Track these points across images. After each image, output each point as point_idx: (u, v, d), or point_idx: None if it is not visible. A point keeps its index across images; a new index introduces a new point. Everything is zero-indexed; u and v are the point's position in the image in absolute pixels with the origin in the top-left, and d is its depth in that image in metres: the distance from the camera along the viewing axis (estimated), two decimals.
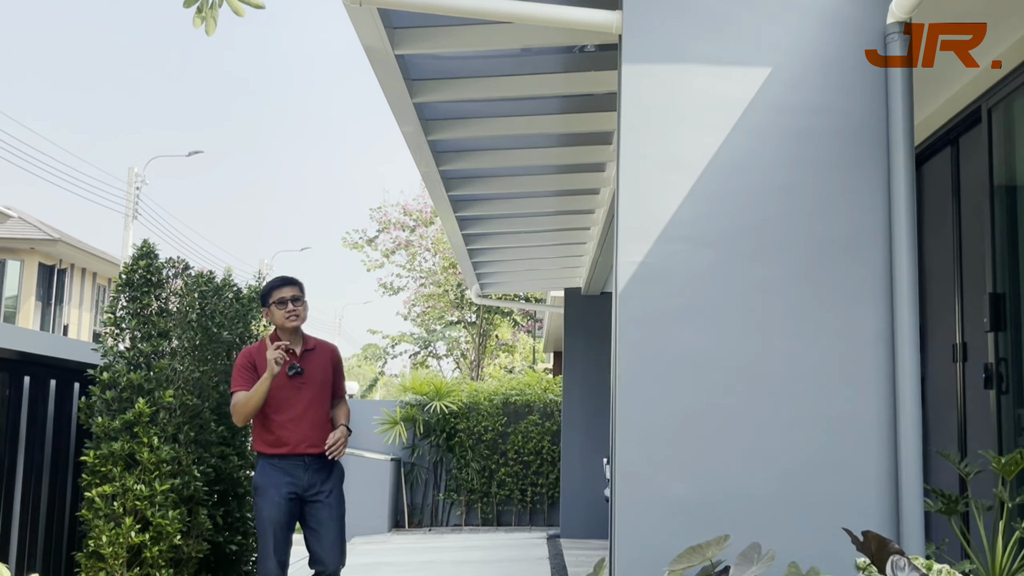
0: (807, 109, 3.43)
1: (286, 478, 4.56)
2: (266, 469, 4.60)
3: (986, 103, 4.54)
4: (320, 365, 4.77)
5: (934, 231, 5.23)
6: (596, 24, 3.62)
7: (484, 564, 8.80)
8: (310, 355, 4.76)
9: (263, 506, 4.54)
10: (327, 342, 4.96)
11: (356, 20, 4.11)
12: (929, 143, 5.17)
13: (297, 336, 4.76)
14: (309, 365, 4.71)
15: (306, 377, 4.67)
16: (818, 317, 3.33)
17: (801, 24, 3.48)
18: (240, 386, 4.59)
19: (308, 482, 4.60)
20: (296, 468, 4.59)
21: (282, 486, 4.54)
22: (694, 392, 3.31)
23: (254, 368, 4.62)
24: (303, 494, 4.60)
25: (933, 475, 4.98)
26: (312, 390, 4.68)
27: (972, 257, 4.75)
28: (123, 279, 4.97)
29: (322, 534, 4.59)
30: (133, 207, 26.72)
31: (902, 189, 3.33)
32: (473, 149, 6.23)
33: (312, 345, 4.82)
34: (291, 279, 4.79)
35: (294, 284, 4.76)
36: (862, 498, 3.23)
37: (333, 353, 4.92)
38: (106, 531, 4.54)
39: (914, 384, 3.25)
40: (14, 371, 4.61)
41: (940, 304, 5.12)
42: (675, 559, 3.02)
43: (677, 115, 3.45)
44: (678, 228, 3.39)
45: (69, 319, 28.79)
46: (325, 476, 4.66)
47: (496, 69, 5.14)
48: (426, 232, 21.76)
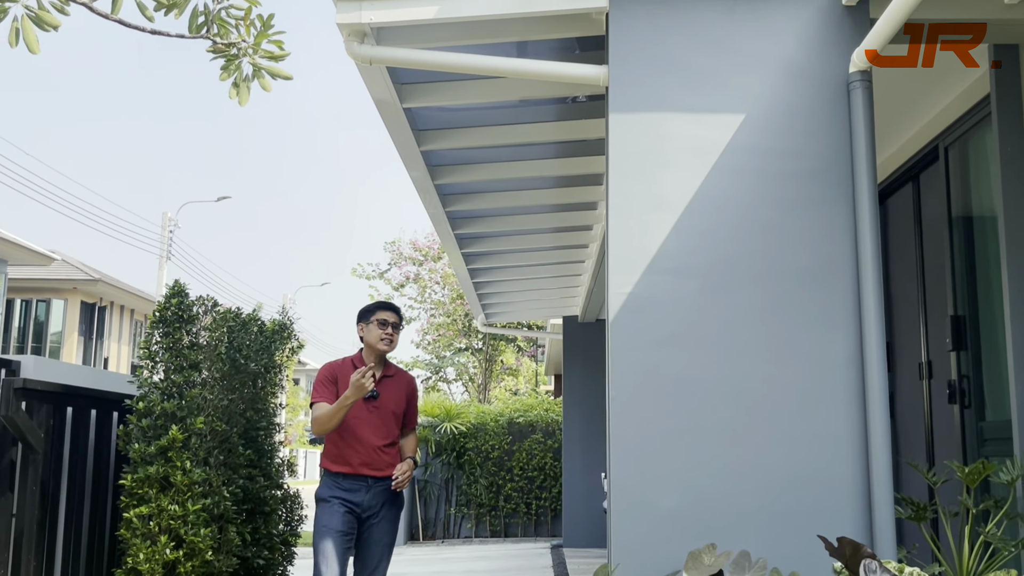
0: (778, 152, 3.46)
1: (347, 495, 4.31)
2: (329, 484, 4.37)
3: (943, 142, 4.57)
4: (395, 393, 4.50)
5: (899, 260, 5.25)
6: (585, 78, 3.67)
7: (492, 573, 8.74)
8: (388, 381, 4.49)
9: (321, 515, 4.30)
10: (407, 372, 4.70)
11: (367, 77, 4.16)
12: (892, 179, 5.20)
13: (381, 361, 4.49)
14: (385, 391, 4.45)
15: (379, 402, 4.41)
16: (793, 342, 3.35)
17: (771, 75, 3.52)
18: (321, 398, 4.34)
19: (367, 503, 4.33)
20: (358, 488, 4.32)
21: (343, 503, 4.29)
22: (681, 412, 3.32)
23: (335, 382, 4.38)
24: (361, 514, 4.33)
25: (904, 484, 4.97)
26: (383, 416, 4.41)
27: (934, 283, 4.76)
28: (157, 316, 4.98)
29: (367, 556, 4.37)
30: (167, 248, 26.79)
31: (867, 223, 3.35)
32: (476, 191, 6.27)
33: (392, 372, 4.56)
34: (396, 307, 4.56)
35: (397, 312, 4.52)
36: (837, 507, 3.23)
37: (410, 384, 4.64)
38: (143, 549, 4.53)
39: (883, 401, 3.25)
40: (57, 403, 4.62)
41: (906, 326, 5.13)
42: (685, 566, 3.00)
43: (660, 158, 3.48)
44: (663, 261, 3.41)
45: (109, 352, 28.79)
46: (384, 501, 4.38)
47: (496, 119, 5.19)
48: (435, 266, 21.79)
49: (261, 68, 2.43)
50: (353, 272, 22.60)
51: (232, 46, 2.39)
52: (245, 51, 2.41)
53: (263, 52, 2.43)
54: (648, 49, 3.54)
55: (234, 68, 2.40)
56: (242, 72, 2.40)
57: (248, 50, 2.42)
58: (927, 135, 4.71)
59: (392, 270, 22.41)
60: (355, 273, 22.59)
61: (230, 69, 2.39)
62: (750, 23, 3.55)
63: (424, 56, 3.82)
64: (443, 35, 3.91)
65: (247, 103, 2.41)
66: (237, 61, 2.40)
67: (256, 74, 2.42)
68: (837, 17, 3.53)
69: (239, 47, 2.41)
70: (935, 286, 4.74)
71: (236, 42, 2.40)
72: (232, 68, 2.40)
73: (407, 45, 3.90)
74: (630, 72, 3.53)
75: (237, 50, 2.40)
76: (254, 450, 5.66)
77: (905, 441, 5.12)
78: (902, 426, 5.17)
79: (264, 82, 2.42)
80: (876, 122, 4.65)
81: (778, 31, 3.54)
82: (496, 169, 5.78)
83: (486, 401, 21.45)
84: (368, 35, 3.78)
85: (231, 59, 2.39)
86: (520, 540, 11.97)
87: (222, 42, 2.39)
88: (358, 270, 22.63)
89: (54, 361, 4.92)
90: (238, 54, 2.40)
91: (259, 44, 2.42)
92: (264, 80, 2.42)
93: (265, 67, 2.43)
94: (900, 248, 5.24)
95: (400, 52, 3.82)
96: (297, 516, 6.26)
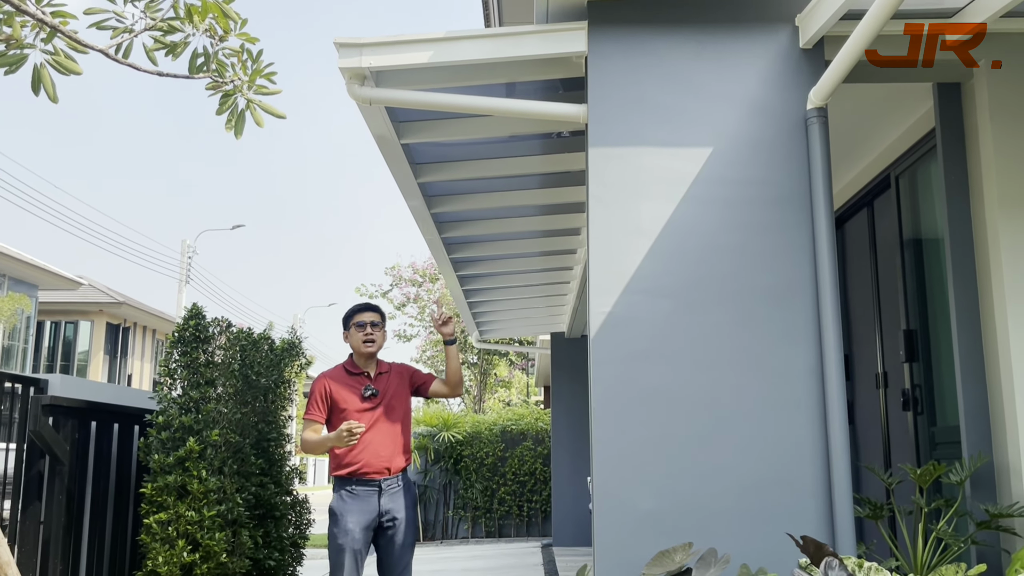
0: (743, 181, 3.48)
1: (361, 506, 3.99)
2: (342, 496, 4.03)
3: (894, 172, 4.61)
4: (394, 385, 4.20)
5: (856, 279, 5.27)
6: (566, 115, 3.69)
7: (487, 571, 8.68)
8: (384, 377, 4.22)
9: (337, 534, 3.98)
10: (400, 363, 4.36)
11: (368, 116, 4.17)
12: (849, 205, 5.24)
13: (371, 361, 4.22)
14: (383, 387, 4.17)
15: (381, 399, 4.14)
16: (759, 355, 3.35)
17: (736, 112, 3.54)
18: (312, 416, 4.11)
19: (382, 509, 4.02)
20: (370, 495, 4.01)
21: (357, 516, 3.97)
22: (657, 421, 3.32)
23: (327, 398, 4.13)
24: (380, 520, 4.04)
25: (863, 485, 4.97)
26: (387, 412, 4.14)
27: (888, 300, 4.78)
28: (176, 336, 4.97)
29: (394, 559, 4.08)
30: (186, 273, 26.71)
31: (824, 246, 3.37)
32: (470, 219, 6.28)
33: (386, 369, 4.26)
34: (372, 305, 4.31)
35: (374, 311, 4.27)
36: (801, 507, 3.22)
37: (403, 369, 4.32)
38: (162, 552, 4.49)
39: (841, 409, 3.25)
40: (82, 418, 4.60)
41: (864, 340, 5.14)
42: (649, 563, 3.01)
43: (635, 189, 3.50)
44: (640, 282, 3.42)
45: (133, 370, 28.62)
46: (399, 502, 4.07)
47: (487, 153, 5.20)
48: (432, 287, 21.77)
49: (253, 103, 2.44)
50: (357, 291, 22.57)
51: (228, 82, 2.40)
52: (239, 88, 2.42)
53: (258, 88, 2.44)
54: (623, 89, 3.56)
55: (229, 104, 2.41)
56: (237, 107, 2.41)
57: (243, 87, 2.43)
58: (879, 165, 4.75)
59: (393, 291, 22.39)
60: (359, 292, 22.55)
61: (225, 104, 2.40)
62: (716, 64, 3.58)
63: (419, 97, 3.84)
64: (437, 77, 3.93)
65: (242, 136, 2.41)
66: (233, 97, 2.41)
67: (249, 108, 2.43)
68: (795, 59, 3.57)
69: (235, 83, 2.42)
70: (889, 303, 4.77)
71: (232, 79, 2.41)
72: (228, 104, 2.41)
73: (404, 87, 3.92)
74: (607, 110, 3.55)
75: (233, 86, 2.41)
76: (265, 459, 5.64)
77: (864, 445, 5.12)
78: (861, 432, 5.17)
79: (257, 116, 2.42)
80: (834, 153, 4.70)
81: (742, 72, 3.57)
82: (488, 199, 5.80)
83: (481, 411, 21.37)
84: (368, 78, 3.80)
85: (227, 95, 2.40)
86: (513, 540, 11.90)
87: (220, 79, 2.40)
88: (362, 290, 22.60)
89: (79, 379, 4.90)
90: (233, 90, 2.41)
91: (253, 80, 2.43)
92: (257, 115, 2.43)
93: (257, 103, 2.44)
94: (857, 268, 5.26)
95: (397, 93, 3.83)
96: (305, 520, 6.22)
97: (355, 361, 4.23)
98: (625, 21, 3.60)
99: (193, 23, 2.38)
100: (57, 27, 2.20)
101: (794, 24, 3.58)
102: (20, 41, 2.25)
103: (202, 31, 2.41)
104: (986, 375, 3.57)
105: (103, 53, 2.21)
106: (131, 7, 2.35)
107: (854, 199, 5.14)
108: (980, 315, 3.61)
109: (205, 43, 2.41)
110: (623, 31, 3.60)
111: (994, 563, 3.40)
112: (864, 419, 5.13)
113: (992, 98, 3.60)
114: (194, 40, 2.42)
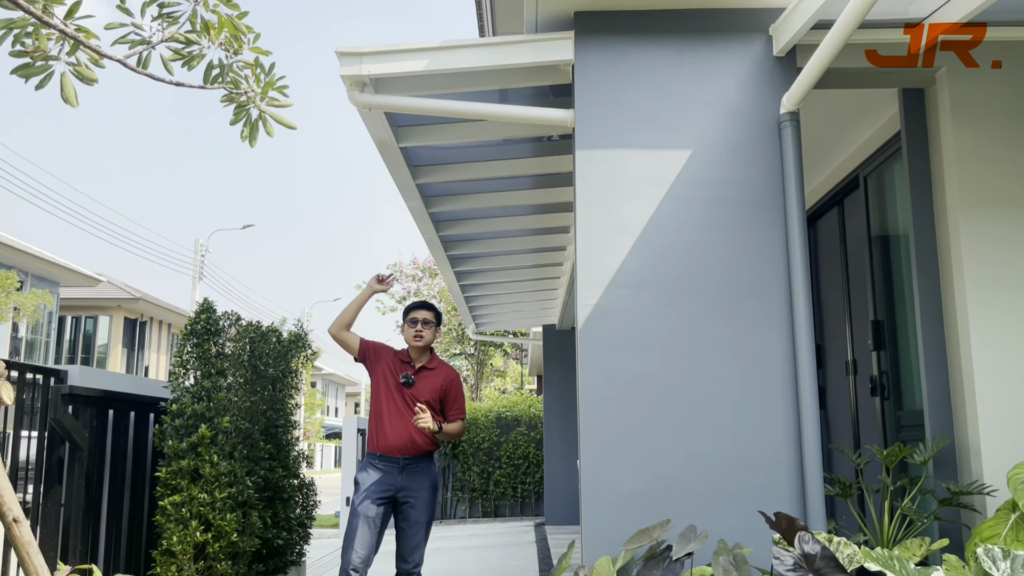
0: (720, 182, 3.49)
1: (382, 478, 4.02)
2: (367, 466, 4.09)
3: (863, 172, 4.62)
4: (431, 385, 4.15)
5: (828, 273, 5.28)
6: (555, 120, 3.69)
7: (484, 548, 8.70)
8: (427, 373, 4.18)
9: (356, 499, 4.01)
10: (449, 367, 4.29)
11: (368, 121, 4.17)
12: (821, 204, 5.25)
13: (423, 354, 4.21)
14: (420, 382, 4.14)
15: (414, 391, 4.11)
16: (736, 345, 3.36)
17: (714, 116, 3.55)
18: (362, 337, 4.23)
19: (401, 484, 4.02)
20: (392, 469, 4.03)
21: (377, 486, 4.00)
22: (641, 407, 3.33)
23: (380, 358, 4.20)
24: (396, 495, 4.03)
25: (834, 465, 4.99)
26: (412, 400, 4.10)
27: (857, 292, 4.80)
28: (188, 329, 4.96)
29: (408, 535, 4.05)
30: (199, 270, 26.63)
31: (797, 242, 3.38)
32: (466, 218, 6.28)
33: (434, 366, 4.21)
34: (429, 304, 4.28)
35: (429, 309, 4.25)
36: (776, 486, 3.23)
37: (448, 376, 4.22)
38: (176, 532, 4.49)
39: (813, 394, 3.26)
40: (100, 406, 4.59)
41: (834, 330, 5.16)
42: (629, 540, 3.02)
43: (620, 189, 3.50)
44: (624, 277, 3.43)
45: (149, 362, 28.56)
46: (418, 482, 4.06)
47: (482, 155, 5.20)
48: (431, 282, 21.76)
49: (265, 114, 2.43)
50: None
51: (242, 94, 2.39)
52: (252, 99, 2.41)
53: (270, 100, 2.43)
54: (608, 95, 3.56)
55: (243, 114, 2.40)
56: (250, 117, 2.40)
57: (256, 98, 2.41)
58: (849, 166, 4.76)
59: (395, 286, 22.36)
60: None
61: (239, 115, 2.39)
62: (695, 72, 3.58)
63: (417, 103, 3.83)
64: (433, 84, 3.93)
65: (256, 144, 2.40)
66: (246, 108, 2.40)
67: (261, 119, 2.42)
68: (769, 66, 3.57)
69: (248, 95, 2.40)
70: (858, 295, 4.78)
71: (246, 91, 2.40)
72: (241, 114, 2.40)
73: (402, 93, 3.91)
74: (593, 115, 3.55)
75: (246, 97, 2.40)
76: (273, 445, 5.64)
77: (835, 428, 5.14)
78: (832, 415, 5.19)
79: (268, 127, 2.42)
80: (806, 155, 4.71)
81: (719, 78, 3.57)
82: (482, 199, 5.80)
83: (478, 399, 21.39)
84: (367, 85, 3.79)
85: (241, 106, 2.39)
86: (508, 519, 11.92)
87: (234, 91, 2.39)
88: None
89: (98, 370, 4.89)
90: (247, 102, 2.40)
91: (266, 92, 2.42)
92: (268, 125, 2.42)
93: (269, 114, 2.43)
94: (828, 263, 5.28)
95: (396, 99, 3.83)
96: (312, 502, 6.22)
97: (409, 351, 4.25)
98: (609, 31, 3.60)
99: (209, 36, 2.37)
100: (81, 40, 2.19)
101: (768, 33, 3.58)
102: (45, 52, 2.24)
103: (217, 44, 2.40)
104: (948, 362, 3.59)
105: (123, 64, 2.20)
106: (149, 20, 2.35)
107: (825, 198, 5.15)
108: (943, 306, 3.63)
109: (220, 55, 2.40)
110: (607, 40, 3.60)
111: (956, 538, 3.42)
112: (835, 404, 5.15)
113: (953, 102, 3.61)
114: (209, 52, 2.41)
